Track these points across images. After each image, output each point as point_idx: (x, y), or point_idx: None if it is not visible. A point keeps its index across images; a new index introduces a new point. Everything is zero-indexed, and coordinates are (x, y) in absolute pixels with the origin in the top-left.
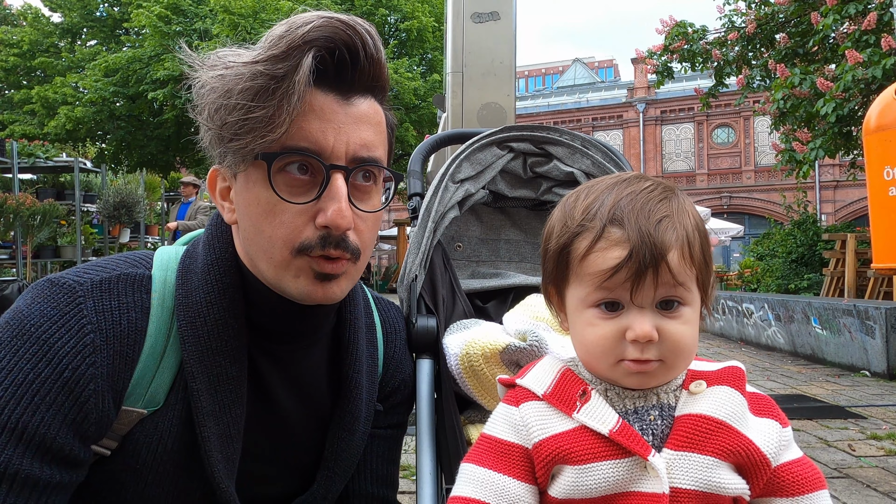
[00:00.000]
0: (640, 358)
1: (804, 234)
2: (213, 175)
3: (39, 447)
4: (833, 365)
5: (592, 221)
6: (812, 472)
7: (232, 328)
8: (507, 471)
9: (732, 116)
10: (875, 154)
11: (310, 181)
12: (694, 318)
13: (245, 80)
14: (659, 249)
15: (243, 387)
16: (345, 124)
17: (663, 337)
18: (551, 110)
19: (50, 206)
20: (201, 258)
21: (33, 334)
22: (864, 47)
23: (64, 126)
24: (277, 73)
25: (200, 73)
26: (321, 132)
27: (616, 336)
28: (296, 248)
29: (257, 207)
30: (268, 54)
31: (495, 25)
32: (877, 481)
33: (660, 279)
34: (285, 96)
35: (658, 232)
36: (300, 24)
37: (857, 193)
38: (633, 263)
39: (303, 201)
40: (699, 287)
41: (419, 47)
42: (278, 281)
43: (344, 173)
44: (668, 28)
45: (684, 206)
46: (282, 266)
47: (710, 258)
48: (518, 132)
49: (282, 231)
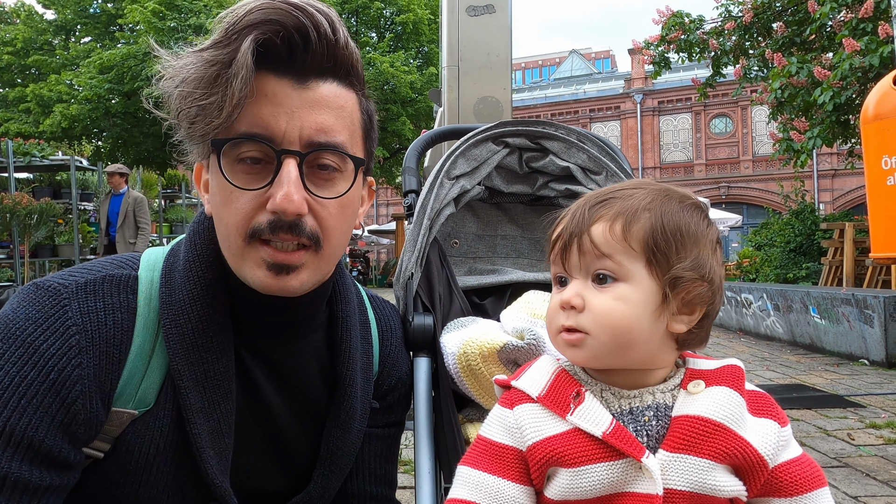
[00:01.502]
0: (565, 325)
1: (802, 223)
2: (199, 168)
3: (28, 450)
4: (832, 354)
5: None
6: (811, 471)
7: (216, 324)
8: (502, 473)
9: (730, 106)
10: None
11: (263, 168)
12: (633, 298)
13: (192, 68)
14: (585, 221)
15: (231, 382)
16: (299, 108)
17: (587, 307)
18: (548, 102)
19: (47, 205)
20: (183, 255)
21: (18, 337)
22: (861, 35)
23: (59, 124)
24: (220, 58)
25: (161, 66)
26: (272, 117)
27: (556, 306)
28: (248, 233)
29: (218, 196)
30: (211, 41)
31: (491, 18)
32: (876, 470)
33: (583, 248)
34: (228, 81)
35: (593, 209)
36: (243, 9)
37: (855, 182)
38: (564, 235)
39: (254, 188)
40: (654, 274)
41: (415, 40)
42: (239, 271)
43: (297, 158)
44: (664, 18)
45: (658, 199)
46: (238, 255)
47: (678, 255)
48: (513, 127)
49: (235, 218)
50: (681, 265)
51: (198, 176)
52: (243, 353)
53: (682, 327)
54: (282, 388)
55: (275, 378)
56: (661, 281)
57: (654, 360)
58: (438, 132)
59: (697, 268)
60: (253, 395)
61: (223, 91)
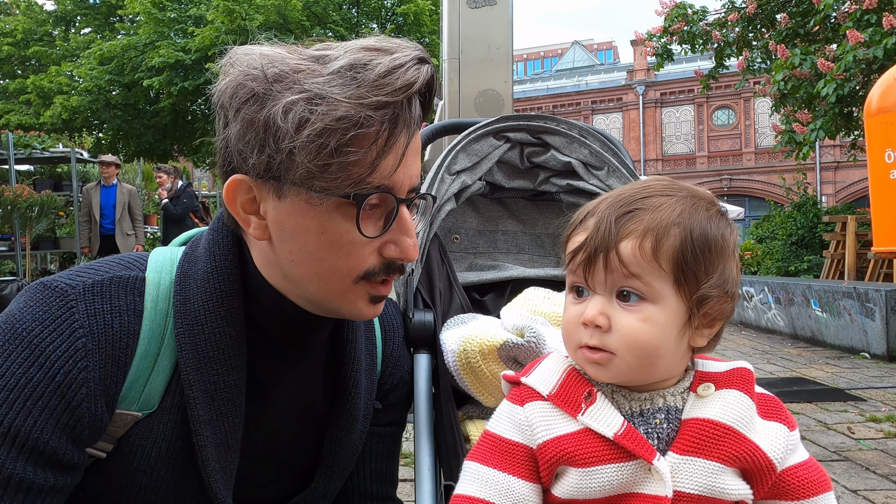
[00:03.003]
0: (589, 343)
1: (804, 216)
2: (235, 185)
3: (33, 451)
4: (833, 347)
5: (582, 215)
6: (817, 475)
7: (230, 337)
8: (511, 470)
9: (733, 98)
10: (876, 137)
11: (375, 213)
12: (660, 320)
13: (348, 121)
14: (612, 236)
15: (241, 395)
16: (408, 157)
17: (614, 327)
18: (550, 94)
19: (47, 198)
20: (202, 265)
21: (25, 338)
22: (865, 27)
23: (60, 116)
24: (385, 118)
25: (276, 91)
26: (398, 171)
27: (577, 320)
28: (359, 276)
29: (320, 237)
30: (375, 99)
31: (491, 11)
32: (876, 464)
33: (609, 266)
34: (390, 143)
35: (619, 221)
36: (405, 66)
37: (858, 174)
38: (588, 247)
39: (375, 234)
40: (681, 294)
41: (416, 31)
42: (328, 303)
43: (406, 205)
44: (667, 9)
45: (686, 210)
46: (339, 292)
47: (707, 273)
48: (515, 122)
49: (348, 262)
50: (708, 283)
51: (233, 192)
52: (257, 361)
53: (703, 341)
54: (290, 393)
55: (285, 384)
56: (688, 300)
57: (672, 372)
58: (439, 126)
59: (723, 284)
60: (260, 405)
61: (383, 149)
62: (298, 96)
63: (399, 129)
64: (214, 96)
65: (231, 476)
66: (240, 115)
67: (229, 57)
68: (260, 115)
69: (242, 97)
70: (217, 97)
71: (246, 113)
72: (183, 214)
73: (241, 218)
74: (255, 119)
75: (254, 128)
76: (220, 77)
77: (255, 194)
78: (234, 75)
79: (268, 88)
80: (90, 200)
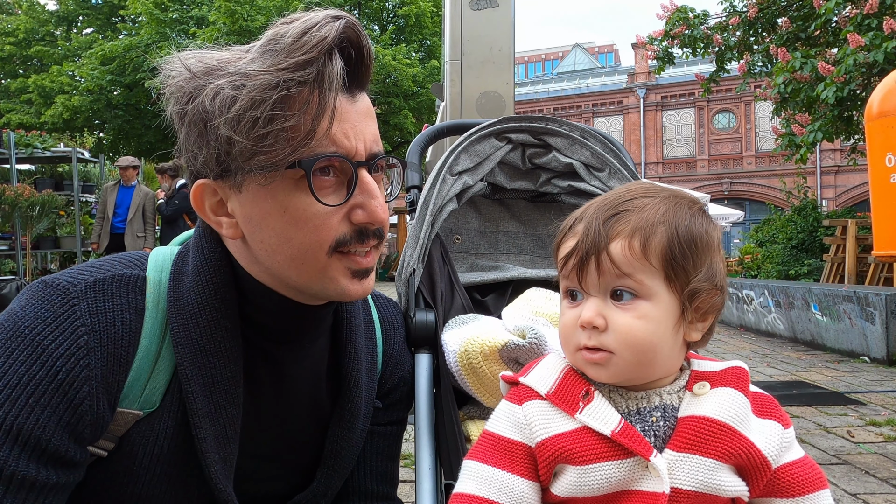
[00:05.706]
0: (587, 345)
1: (804, 219)
2: (200, 190)
3: (35, 449)
4: (833, 351)
5: (571, 222)
6: (812, 473)
7: (224, 328)
8: (511, 468)
9: (733, 102)
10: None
11: (335, 182)
12: (655, 316)
13: (272, 88)
14: (602, 238)
15: (238, 387)
16: (358, 122)
17: (610, 327)
18: (551, 96)
19: (48, 197)
20: (191, 259)
21: (27, 336)
22: (866, 31)
23: (61, 115)
24: (308, 78)
25: (204, 83)
26: (342, 133)
27: (573, 323)
28: (331, 247)
29: (282, 216)
30: (293, 60)
31: (493, 12)
32: (875, 467)
33: (601, 267)
34: (321, 102)
35: (608, 223)
36: (317, 24)
37: (858, 178)
38: (580, 251)
39: (338, 202)
40: (673, 289)
41: (418, 33)
42: (311, 285)
43: (367, 169)
44: (668, 13)
45: (670, 209)
46: (319, 270)
47: (695, 267)
48: (517, 123)
49: (316, 235)
50: (697, 277)
51: (199, 198)
52: (254, 358)
53: (697, 335)
54: (288, 391)
55: (281, 382)
56: (679, 295)
57: (669, 369)
58: (441, 127)
59: (711, 277)
60: (260, 400)
61: (317, 112)
62: (224, 80)
63: (327, 86)
64: (168, 117)
65: (231, 467)
66: (184, 118)
67: (163, 73)
68: (195, 108)
69: (182, 100)
70: (168, 114)
71: (186, 113)
72: (175, 216)
73: (213, 221)
74: (192, 113)
75: (193, 123)
76: (165, 94)
77: (220, 196)
78: (172, 85)
79: (197, 83)
80: (106, 198)
